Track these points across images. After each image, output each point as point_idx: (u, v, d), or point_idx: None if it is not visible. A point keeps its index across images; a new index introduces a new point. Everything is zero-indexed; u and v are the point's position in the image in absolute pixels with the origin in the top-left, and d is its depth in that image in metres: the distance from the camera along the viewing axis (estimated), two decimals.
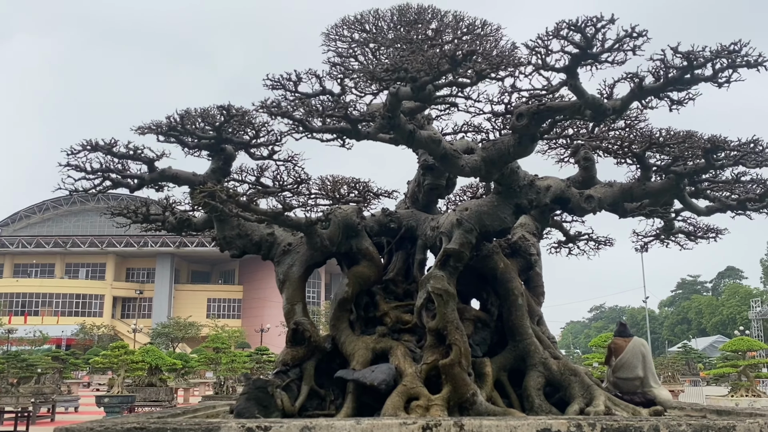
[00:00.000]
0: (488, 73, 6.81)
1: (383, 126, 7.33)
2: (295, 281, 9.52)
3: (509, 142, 8.07)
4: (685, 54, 6.50)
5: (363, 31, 9.56)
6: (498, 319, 9.91)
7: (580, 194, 8.98)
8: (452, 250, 8.72)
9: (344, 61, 9.39)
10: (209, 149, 9.36)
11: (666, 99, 7.51)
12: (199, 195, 8.36)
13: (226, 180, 9.78)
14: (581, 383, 9.02)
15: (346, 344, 9.17)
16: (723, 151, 8.01)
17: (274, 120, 8.35)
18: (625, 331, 10.03)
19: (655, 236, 12.27)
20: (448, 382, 8.33)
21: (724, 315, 73.44)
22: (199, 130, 8.96)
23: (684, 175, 8.47)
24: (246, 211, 8.47)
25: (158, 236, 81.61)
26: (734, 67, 6.65)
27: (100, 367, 38.29)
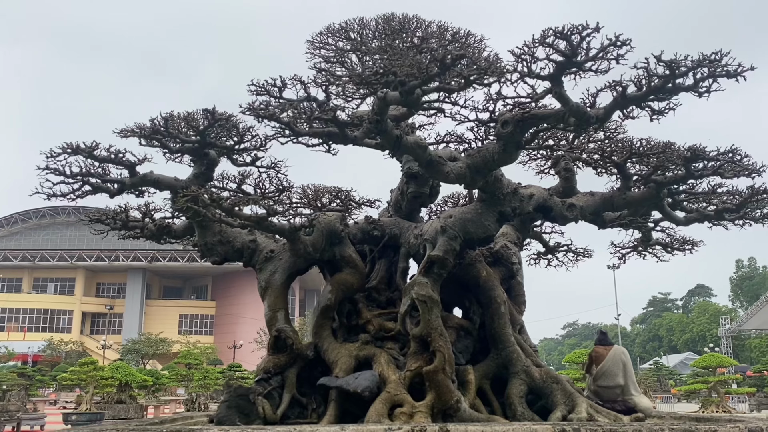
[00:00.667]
0: (475, 79, 6.88)
1: (370, 130, 7.35)
2: (277, 288, 9.44)
3: (494, 149, 8.15)
4: (668, 63, 6.65)
5: (348, 39, 9.61)
6: (480, 328, 9.93)
7: (563, 203, 9.07)
8: (436, 256, 8.73)
9: (330, 68, 9.41)
10: (192, 154, 9.27)
11: (647, 109, 7.66)
12: (182, 199, 8.28)
13: (208, 186, 9.68)
14: (563, 391, 9.06)
15: (329, 352, 9.10)
16: (702, 161, 8.17)
17: (259, 124, 8.31)
18: (605, 339, 10.11)
19: (633, 248, 12.42)
20: (431, 389, 8.29)
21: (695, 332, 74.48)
22: (183, 134, 8.88)
23: (664, 184, 8.62)
24: (229, 216, 8.40)
25: (130, 251, 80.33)
26: (714, 76, 6.81)
27: (67, 384, 37.36)
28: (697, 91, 7.02)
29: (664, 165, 8.49)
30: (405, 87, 6.73)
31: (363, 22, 9.60)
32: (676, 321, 79.13)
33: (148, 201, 10.55)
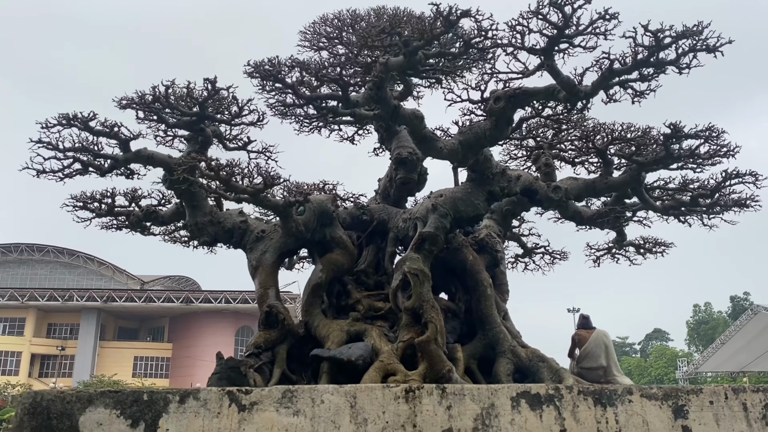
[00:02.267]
0: (476, 43, 7.25)
1: (371, 97, 7.62)
2: (268, 267, 9.49)
3: (486, 126, 8.50)
4: (654, 32, 7.14)
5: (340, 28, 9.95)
6: (466, 312, 10.10)
7: (548, 185, 9.44)
8: (428, 233, 8.94)
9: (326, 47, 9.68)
10: (189, 128, 9.36)
11: (630, 89, 8.14)
12: (181, 168, 8.36)
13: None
14: (550, 368, 9.24)
15: (320, 327, 9.13)
16: (681, 139, 8.64)
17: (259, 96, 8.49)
18: (587, 323, 10.36)
19: (607, 250, 12.84)
20: (424, 359, 8.38)
21: (653, 376, 75.43)
22: (182, 104, 9.00)
23: (644, 164, 9.07)
24: (226, 187, 8.49)
25: (84, 290, 78.17)
26: (695, 50, 7.33)
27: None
28: (679, 66, 7.52)
29: (645, 145, 8.94)
30: (409, 48, 7.06)
31: (356, 13, 9.98)
32: (635, 365, 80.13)
33: (135, 187, 10.58)
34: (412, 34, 6.97)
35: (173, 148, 10.17)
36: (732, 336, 47.76)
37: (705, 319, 70.72)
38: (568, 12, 7.19)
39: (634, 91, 8.16)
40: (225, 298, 72.58)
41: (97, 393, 6.93)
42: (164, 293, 76.22)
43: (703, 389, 7.45)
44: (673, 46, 7.33)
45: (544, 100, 8.41)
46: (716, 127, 8.50)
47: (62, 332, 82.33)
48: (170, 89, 8.74)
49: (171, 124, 9.26)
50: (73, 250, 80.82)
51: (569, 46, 7.66)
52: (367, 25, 10.21)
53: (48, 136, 9.00)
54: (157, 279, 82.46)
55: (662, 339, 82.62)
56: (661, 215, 11.08)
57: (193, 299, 73.36)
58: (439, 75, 8.57)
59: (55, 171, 9.40)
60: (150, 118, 9.09)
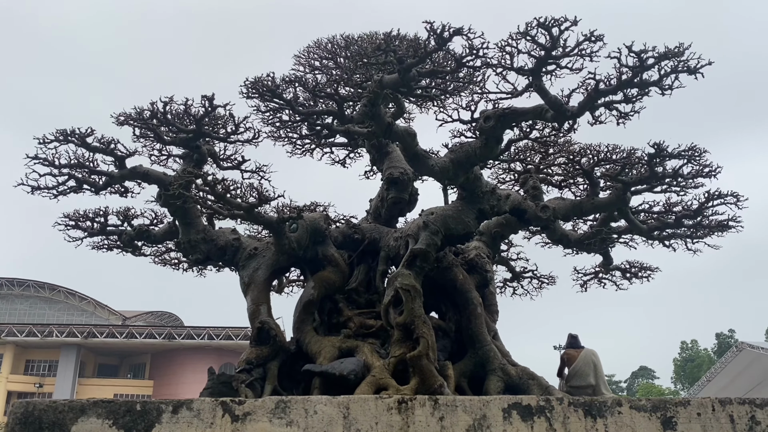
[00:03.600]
0: (468, 60, 7.51)
1: (365, 113, 7.82)
2: (260, 284, 9.54)
3: (476, 145, 8.72)
4: (637, 53, 7.45)
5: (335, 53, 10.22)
6: (456, 332, 10.17)
7: (536, 205, 9.64)
8: (419, 250, 9.07)
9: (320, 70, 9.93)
10: (185, 145, 9.49)
11: (615, 111, 8.42)
12: (177, 183, 8.47)
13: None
14: (539, 386, 9.31)
15: (312, 344, 9.16)
16: (665, 158, 8.90)
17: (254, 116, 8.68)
18: (575, 342, 10.46)
19: (594, 274, 13.03)
20: (415, 374, 8.42)
21: None
22: (180, 121, 9.15)
23: (630, 184, 9.31)
24: (221, 202, 8.60)
25: (65, 325, 77.00)
26: (677, 72, 7.64)
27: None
28: (662, 86, 7.82)
29: (630, 165, 9.20)
30: (403, 65, 7.30)
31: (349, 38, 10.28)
32: None
33: (128, 206, 10.66)
34: (406, 52, 7.22)
35: (167, 167, 10.30)
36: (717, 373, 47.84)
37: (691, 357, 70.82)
38: (555, 33, 7.49)
39: (619, 113, 8.43)
40: (208, 334, 71.77)
41: (89, 402, 6.92)
42: (146, 329, 75.26)
43: (691, 401, 7.56)
44: (655, 67, 7.63)
45: (533, 120, 8.67)
46: (698, 147, 8.79)
47: (40, 369, 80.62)
48: (168, 106, 8.91)
49: (167, 142, 9.39)
50: (54, 285, 79.79)
51: (556, 68, 7.95)
52: (359, 48, 10.51)
53: (44, 152, 9.09)
54: (140, 314, 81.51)
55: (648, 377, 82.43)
56: (645, 239, 11.32)
57: (176, 335, 72.45)
58: (432, 93, 8.81)
59: (49, 188, 9.47)
60: (146, 135, 9.22)
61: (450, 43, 7.33)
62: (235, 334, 70.10)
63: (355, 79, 7.91)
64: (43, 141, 8.94)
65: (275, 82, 8.29)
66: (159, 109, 8.90)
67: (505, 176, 12.11)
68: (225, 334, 69.85)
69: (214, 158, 10.13)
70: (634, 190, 9.66)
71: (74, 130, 8.83)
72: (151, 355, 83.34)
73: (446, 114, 8.79)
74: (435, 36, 7.20)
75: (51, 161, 9.16)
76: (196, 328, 72.95)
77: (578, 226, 12.53)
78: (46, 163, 9.15)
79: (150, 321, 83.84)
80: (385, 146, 10.27)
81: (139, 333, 75.51)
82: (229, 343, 68.10)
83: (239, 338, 66.96)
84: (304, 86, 8.27)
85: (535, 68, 7.88)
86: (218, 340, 69.67)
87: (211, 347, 71.97)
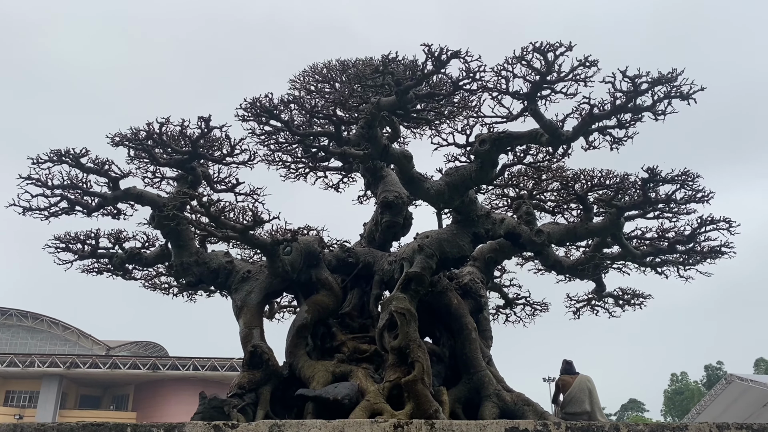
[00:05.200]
0: (464, 83, 7.58)
1: (362, 135, 7.85)
2: (253, 307, 9.44)
3: (471, 168, 8.76)
4: (632, 77, 7.55)
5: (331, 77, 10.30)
6: (450, 357, 10.08)
7: (530, 229, 9.65)
8: (414, 273, 9.03)
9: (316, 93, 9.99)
10: (180, 166, 9.44)
11: (609, 136, 8.51)
12: (172, 204, 8.42)
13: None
14: (535, 412, 9.22)
15: (305, 369, 9.03)
16: (658, 183, 8.97)
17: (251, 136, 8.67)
18: (570, 368, 10.39)
19: (587, 301, 13.02)
20: (410, 399, 8.30)
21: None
22: (175, 142, 9.12)
23: (623, 208, 9.36)
24: (216, 224, 8.55)
25: (47, 355, 75.73)
26: (670, 97, 7.74)
27: None
28: (655, 112, 7.91)
29: (623, 190, 9.26)
30: (401, 86, 7.35)
31: (345, 63, 10.37)
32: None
33: (119, 228, 10.57)
34: (404, 74, 7.28)
35: (160, 190, 10.25)
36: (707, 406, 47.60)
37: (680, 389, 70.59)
38: (550, 58, 7.59)
39: (613, 138, 8.51)
40: (193, 365, 70.72)
41: (78, 426, 6.76)
42: (130, 359, 74.07)
43: (689, 425, 7.50)
44: (649, 93, 7.74)
45: (528, 144, 8.73)
46: (691, 172, 8.87)
47: (21, 400, 78.93)
48: (164, 126, 8.89)
49: (162, 163, 9.35)
50: (37, 314, 78.62)
51: (551, 92, 8.03)
52: (356, 71, 10.58)
53: (37, 173, 9.02)
54: (124, 344, 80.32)
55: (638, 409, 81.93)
56: (638, 266, 11.35)
57: (160, 366, 71.34)
58: (428, 116, 8.87)
59: (41, 209, 9.38)
60: (141, 156, 9.18)
61: (448, 66, 7.41)
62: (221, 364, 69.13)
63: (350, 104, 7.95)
64: (37, 161, 8.88)
65: (273, 102, 8.32)
66: (155, 130, 8.88)
67: (498, 202, 12.15)
68: (210, 365, 68.89)
69: (208, 181, 10.09)
70: (627, 215, 9.70)
71: (69, 150, 8.77)
72: (134, 386, 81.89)
73: (441, 138, 8.84)
74: (433, 58, 7.28)
75: (44, 182, 9.09)
76: (181, 359, 71.90)
77: (571, 252, 12.56)
78: (38, 183, 9.08)
79: (134, 351, 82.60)
80: (379, 170, 10.29)
81: (123, 363, 74.33)
82: (214, 374, 67.10)
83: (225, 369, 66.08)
84: (301, 107, 8.30)
85: (531, 92, 7.97)
86: (203, 370, 68.66)
87: (196, 378, 70.87)
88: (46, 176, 9.06)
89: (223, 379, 65.17)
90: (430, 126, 9.30)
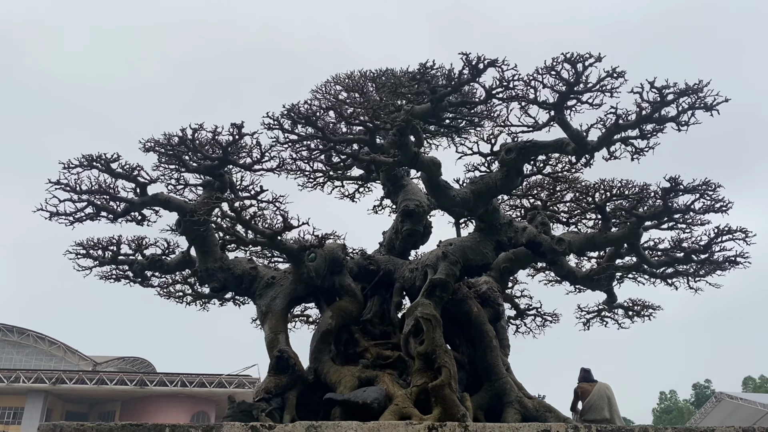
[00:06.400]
0: (498, 92, 7.77)
1: (394, 142, 8.00)
2: (278, 312, 9.51)
3: (497, 177, 8.94)
4: (659, 88, 7.78)
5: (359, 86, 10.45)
6: (470, 364, 10.19)
7: (551, 237, 9.83)
8: (438, 280, 9.15)
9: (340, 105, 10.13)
10: (210, 172, 9.51)
11: (630, 146, 8.73)
12: (203, 210, 8.51)
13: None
14: (557, 418, 9.33)
15: (330, 374, 9.10)
16: (680, 193, 9.18)
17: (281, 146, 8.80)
18: (589, 376, 10.51)
19: (597, 312, 13.19)
20: (438, 404, 8.38)
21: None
22: (207, 148, 9.21)
23: (644, 218, 9.56)
24: (247, 228, 8.64)
25: (33, 371, 74.61)
26: (694, 108, 7.97)
27: None
28: (678, 122, 8.14)
29: (643, 200, 9.47)
30: (436, 94, 7.52)
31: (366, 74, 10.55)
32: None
33: (141, 235, 10.62)
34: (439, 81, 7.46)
35: (183, 196, 10.34)
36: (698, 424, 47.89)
37: (669, 408, 70.74)
38: (579, 69, 7.81)
39: (634, 148, 8.73)
40: (181, 381, 69.93)
41: (117, 426, 6.80)
42: (117, 375, 73.10)
43: (716, 428, 7.65)
44: (674, 104, 7.96)
45: (553, 153, 8.92)
46: (712, 182, 9.10)
47: (5, 416, 77.56)
48: (197, 132, 9.00)
49: (191, 169, 9.44)
50: (23, 329, 77.61)
51: (577, 102, 8.24)
52: (386, 80, 10.72)
53: (67, 177, 9.08)
54: (111, 360, 79.34)
55: None
56: (648, 278, 11.55)
57: (148, 382, 70.50)
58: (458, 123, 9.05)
59: (67, 214, 9.42)
60: (170, 162, 9.26)
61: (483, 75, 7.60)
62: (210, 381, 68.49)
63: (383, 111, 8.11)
64: (68, 166, 8.94)
65: (312, 109, 8.46)
66: (188, 136, 8.98)
67: (512, 213, 12.32)
68: (199, 381, 68.14)
69: (231, 188, 10.19)
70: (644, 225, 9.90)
71: (101, 155, 8.84)
72: (121, 403, 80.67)
73: (466, 147, 9.02)
74: (470, 66, 7.48)
75: (73, 187, 9.14)
76: (169, 375, 71.08)
77: (581, 264, 12.74)
78: (67, 188, 9.13)
79: (121, 367, 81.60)
80: (400, 179, 10.45)
81: (110, 379, 73.32)
82: (202, 390, 66.35)
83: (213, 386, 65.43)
84: (339, 114, 8.44)
85: (558, 102, 8.17)
86: (191, 387, 67.91)
87: (184, 395, 70.09)
88: (75, 181, 9.11)
89: (211, 395, 64.51)
90: (459, 134, 9.50)
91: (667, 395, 71.86)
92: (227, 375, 65.56)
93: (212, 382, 66.04)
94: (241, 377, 62.87)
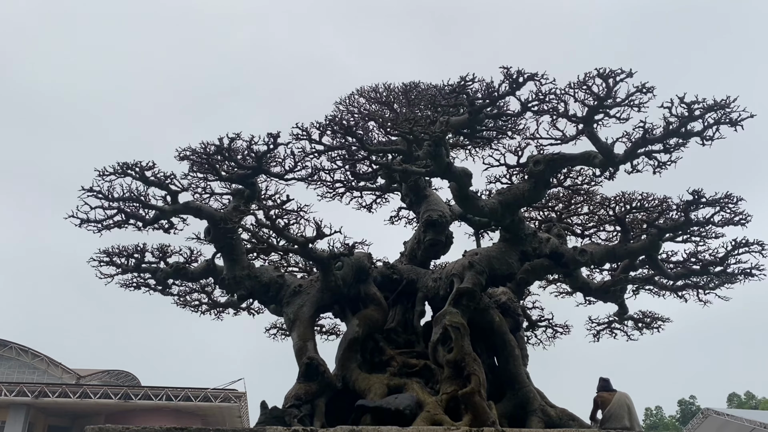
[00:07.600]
0: (533, 105, 8.00)
1: (429, 153, 8.19)
2: (306, 320, 9.60)
3: (524, 188, 9.15)
4: (688, 104, 8.05)
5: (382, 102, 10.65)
6: (491, 373, 10.32)
7: (574, 249, 10.04)
8: (465, 289, 9.32)
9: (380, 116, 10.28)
10: (242, 181, 9.61)
11: (654, 160, 8.98)
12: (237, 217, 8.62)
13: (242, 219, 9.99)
14: (581, 426, 9.48)
15: (359, 381, 9.19)
16: (702, 205, 9.44)
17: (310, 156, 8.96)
18: (608, 385, 10.65)
19: (608, 324, 13.40)
20: (468, 411, 8.50)
21: None
22: (242, 157, 9.33)
23: (665, 230, 9.80)
24: (280, 236, 8.76)
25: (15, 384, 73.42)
26: (719, 123, 8.25)
27: None
28: (703, 137, 8.41)
29: (664, 212, 9.72)
30: (474, 106, 7.73)
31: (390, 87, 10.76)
32: None
33: (165, 243, 10.69)
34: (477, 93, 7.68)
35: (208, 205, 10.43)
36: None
37: (656, 424, 71.08)
38: (611, 84, 8.07)
39: (657, 162, 8.99)
40: (166, 395, 69.00)
41: (162, 429, 6.84)
42: (101, 388, 71.93)
43: None
44: (700, 119, 8.23)
45: (580, 165, 9.15)
46: (734, 195, 9.37)
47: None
48: (233, 142, 9.11)
49: (224, 178, 9.55)
50: (6, 341, 76.31)
51: (605, 116, 8.49)
52: (419, 93, 10.89)
53: (100, 185, 9.14)
54: (95, 373, 78.11)
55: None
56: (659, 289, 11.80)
57: (132, 395, 69.52)
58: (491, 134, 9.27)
59: (97, 221, 9.48)
60: (203, 170, 9.36)
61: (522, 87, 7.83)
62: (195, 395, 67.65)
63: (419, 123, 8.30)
64: (102, 173, 9.00)
65: (354, 119, 8.63)
66: (225, 145, 9.10)
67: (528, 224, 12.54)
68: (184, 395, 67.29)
69: (259, 197, 10.31)
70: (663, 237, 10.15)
71: (136, 163, 8.93)
72: (105, 417, 79.31)
73: (493, 158, 9.24)
74: (510, 80, 7.70)
75: (105, 194, 9.20)
76: (154, 389, 70.01)
77: (593, 276, 12.97)
78: (100, 195, 9.19)
79: (105, 380, 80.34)
80: (422, 189, 10.63)
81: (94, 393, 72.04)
82: (188, 404, 65.44)
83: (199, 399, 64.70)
84: (380, 125, 8.62)
85: (587, 116, 8.42)
86: (176, 401, 67.08)
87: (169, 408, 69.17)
88: (108, 189, 9.17)
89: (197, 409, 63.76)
90: (490, 145, 9.72)
91: (653, 411, 72.21)
92: (213, 389, 64.87)
93: (198, 395, 65.19)
94: (227, 391, 62.17)
